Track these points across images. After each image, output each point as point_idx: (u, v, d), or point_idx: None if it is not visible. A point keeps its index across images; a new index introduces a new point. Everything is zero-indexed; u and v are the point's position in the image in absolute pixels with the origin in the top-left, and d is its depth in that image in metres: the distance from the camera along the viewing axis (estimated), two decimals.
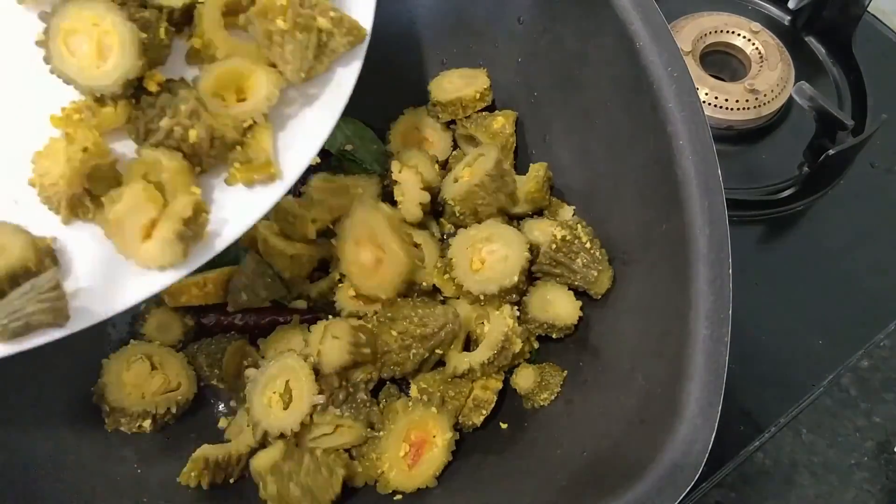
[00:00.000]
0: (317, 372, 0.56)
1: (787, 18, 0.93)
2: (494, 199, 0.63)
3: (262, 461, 0.54)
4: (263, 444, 0.56)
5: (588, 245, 0.59)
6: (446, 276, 0.60)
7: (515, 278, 0.58)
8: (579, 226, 0.60)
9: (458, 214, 0.64)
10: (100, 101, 0.43)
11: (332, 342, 0.56)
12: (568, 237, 0.59)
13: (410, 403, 0.56)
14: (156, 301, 0.64)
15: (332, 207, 0.64)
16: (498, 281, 0.58)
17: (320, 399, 0.55)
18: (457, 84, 0.72)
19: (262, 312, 0.64)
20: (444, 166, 0.71)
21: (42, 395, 0.58)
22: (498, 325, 0.57)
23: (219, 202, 0.45)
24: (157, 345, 0.62)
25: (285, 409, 0.55)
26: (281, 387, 0.55)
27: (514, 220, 0.66)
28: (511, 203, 0.64)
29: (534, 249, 0.60)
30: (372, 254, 0.59)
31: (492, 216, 0.63)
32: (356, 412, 0.56)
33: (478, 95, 0.70)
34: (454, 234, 0.63)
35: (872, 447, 0.68)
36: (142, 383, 0.59)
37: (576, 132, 0.65)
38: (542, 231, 0.62)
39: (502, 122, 0.69)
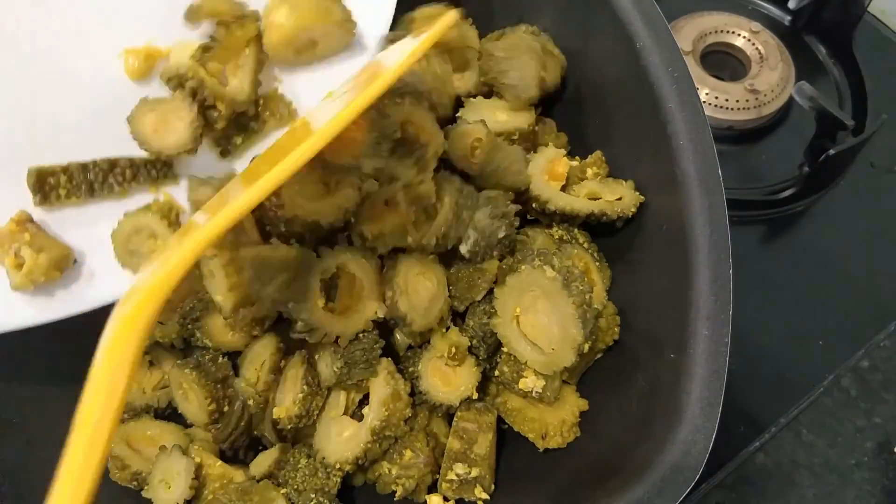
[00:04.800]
0: None
1: (787, 18, 0.93)
2: None
3: (260, 467, 0.54)
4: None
5: (586, 246, 0.59)
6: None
7: None
8: (576, 229, 0.60)
9: None
10: None
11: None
12: (566, 237, 0.59)
13: None
14: None
15: None
16: None
17: None
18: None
19: None
20: None
21: (42, 398, 0.58)
22: None
23: None
24: (152, 342, 0.62)
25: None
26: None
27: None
28: None
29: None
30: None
31: None
32: None
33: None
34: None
35: (872, 447, 0.68)
36: (141, 378, 0.60)
37: (575, 132, 0.65)
38: (540, 231, 0.62)
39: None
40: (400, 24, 0.63)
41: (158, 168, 0.52)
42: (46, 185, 0.49)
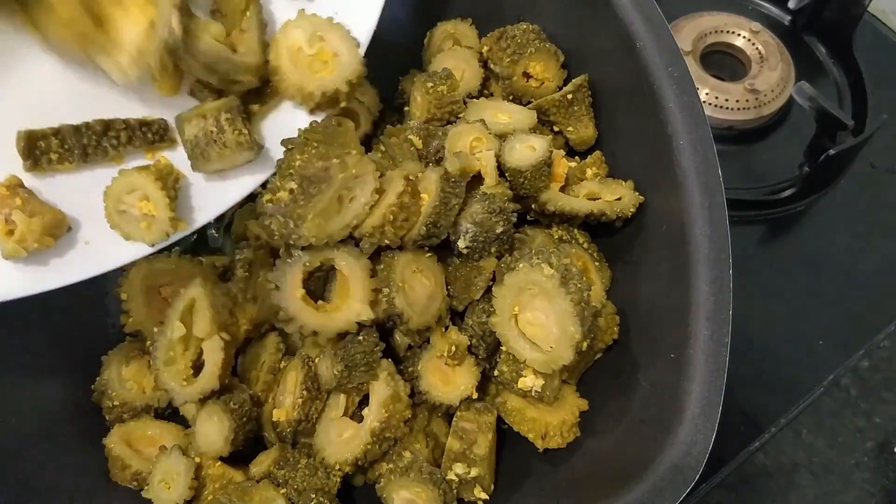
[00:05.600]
0: None
1: (787, 18, 0.93)
2: None
3: (260, 467, 0.54)
4: None
5: (585, 246, 0.59)
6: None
7: None
8: (576, 229, 0.60)
9: None
10: None
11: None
12: (565, 237, 0.59)
13: None
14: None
15: None
16: None
17: None
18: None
19: None
20: None
21: (41, 399, 0.58)
22: None
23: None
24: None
25: None
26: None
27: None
28: None
29: None
30: None
31: None
32: None
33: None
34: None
35: (872, 447, 0.68)
36: (141, 378, 0.60)
37: None
38: (539, 231, 0.62)
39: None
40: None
41: (154, 130, 0.49)
42: (37, 149, 0.47)
